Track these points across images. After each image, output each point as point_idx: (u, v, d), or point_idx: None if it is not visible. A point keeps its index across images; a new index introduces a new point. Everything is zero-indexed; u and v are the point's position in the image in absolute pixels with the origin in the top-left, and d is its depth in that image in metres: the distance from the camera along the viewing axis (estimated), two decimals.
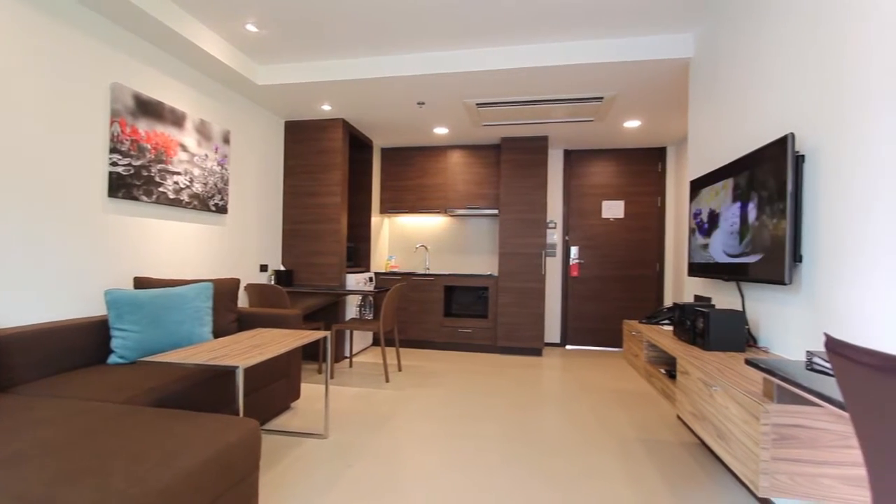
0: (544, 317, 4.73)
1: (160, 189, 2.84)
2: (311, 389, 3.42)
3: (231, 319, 2.82)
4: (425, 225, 5.65)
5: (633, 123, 4.32)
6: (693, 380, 1.73)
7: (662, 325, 2.65)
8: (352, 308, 4.60)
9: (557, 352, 5.05)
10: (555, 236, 5.33)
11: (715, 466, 2.26)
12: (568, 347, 5.28)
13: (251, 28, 2.96)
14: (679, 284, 4.85)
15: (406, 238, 5.71)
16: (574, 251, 5.29)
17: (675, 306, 2.26)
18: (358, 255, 5.12)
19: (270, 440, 2.44)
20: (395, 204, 5.43)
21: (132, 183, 2.64)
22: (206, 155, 3.25)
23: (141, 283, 2.59)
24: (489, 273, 5.05)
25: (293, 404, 3.04)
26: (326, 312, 4.37)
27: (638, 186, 5.19)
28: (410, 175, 5.40)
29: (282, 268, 4.40)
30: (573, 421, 2.87)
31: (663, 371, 2.27)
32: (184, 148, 3.03)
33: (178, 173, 2.99)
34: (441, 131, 4.76)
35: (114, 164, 2.52)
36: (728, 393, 1.43)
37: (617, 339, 5.20)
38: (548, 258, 5.33)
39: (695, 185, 2.59)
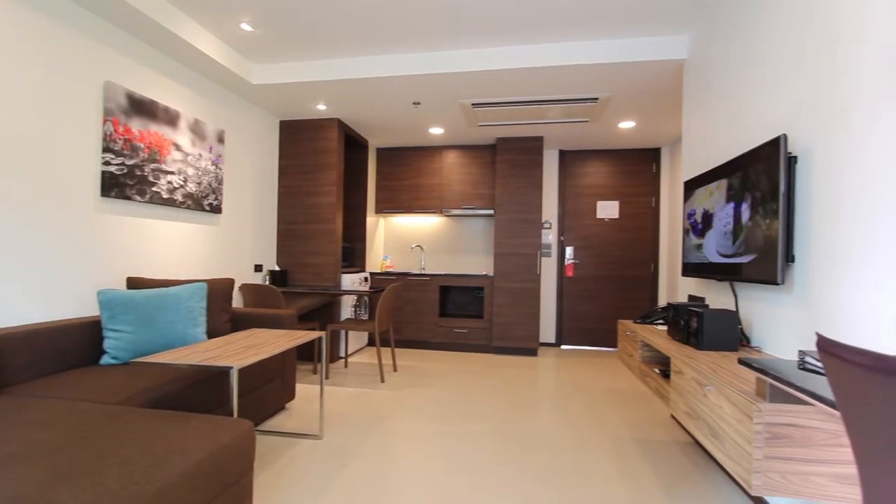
0: (539, 317, 4.75)
1: (154, 189, 2.82)
2: (306, 390, 3.41)
3: (225, 320, 2.81)
4: (421, 225, 5.65)
5: (628, 124, 4.34)
6: (687, 379, 1.74)
7: (657, 325, 2.66)
8: (347, 308, 4.59)
9: (552, 352, 5.06)
10: (550, 236, 5.35)
11: (709, 465, 2.27)
12: (563, 347, 5.30)
13: (246, 27, 2.94)
14: (673, 284, 4.88)
15: (401, 238, 5.71)
16: (569, 251, 5.30)
17: (670, 306, 2.28)
18: (353, 256, 5.11)
19: (265, 441, 2.43)
20: (391, 204, 5.43)
21: (125, 182, 2.62)
22: (201, 154, 3.23)
23: (134, 284, 2.57)
24: (484, 273, 5.05)
25: (288, 405, 3.03)
26: (321, 313, 4.36)
27: (632, 187, 5.22)
28: (406, 175, 5.40)
29: (276, 268, 4.39)
30: (568, 420, 2.88)
31: (657, 370, 2.28)
32: (178, 147, 3.01)
33: (172, 173, 2.97)
34: (437, 131, 4.76)
35: (106, 164, 2.50)
36: (721, 392, 1.44)
37: (612, 339, 5.22)
38: (543, 258, 5.35)
39: (689, 186, 2.61)
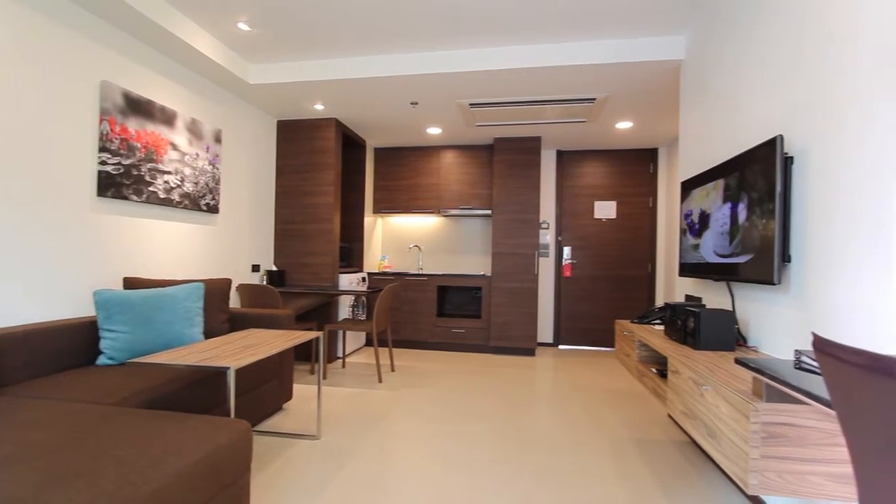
0: (537, 317, 4.75)
1: (150, 188, 2.81)
2: (304, 390, 3.40)
3: (222, 320, 2.80)
4: (418, 225, 5.65)
5: (625, 124, 4.35)
6: (684, 379, 1.74)
7: (654, 325, 2.67)
8: (344, 308, 4.58)
9: (550, 352, 5.07)
10: (547, 237, 5.35)
11: (705, 464, 2.28)
12: (561, 347, 5.31)
13: (243, 27, 2.94)
14: (670, 284, 4.89)
15: (399, 238, 5.71)
16: (567, 251, 5.31)
17: (667, 306, 2.28)
18: (351, 256, 5.10)
19: (262, 441, 2.42)
20: (389, 204, 5.42)
21: (122, 182, 2.61)
22: (198, 154, 3.22)
23: (131, 284, 2.56)
24: (482, 273, 5.06)
25: (285, 405, 3.02)
26: (319, 313, 4.35)
27: (630, 187, 5.23)
28: (403, 175, 5.39)
29: (274, 268, 4.38)
30: (565, 420, 2.88)
31: (655, 370, 2.29)
32: (174, 147, 3.00)
33: (169, 172, 2.96)
34: (434, 131, 4.76)
35: (103, 163, 2.49)
36: (718, 392, 1.45)
37: (609, 339, 5.23)
38: (540, 258, 5.35)
39: (686, 186, 2.62)
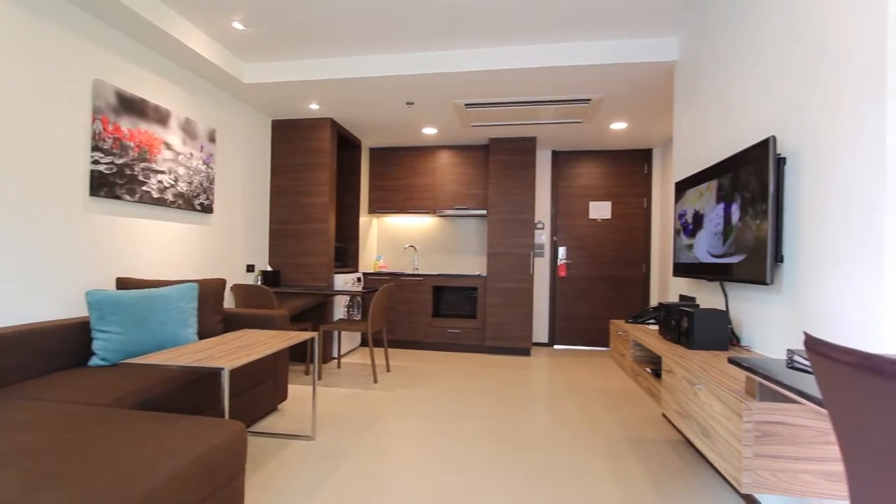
0: (532, 317, 4.76)
1: (144, 188, 2.79)
2: (299, 391, 3.39)
3: (217, 320, 2.79)
4: (414, 225, 5.64)
5: (620, 125, 4.36)
6: (678, 378, 1.75)
7: (648, 325, 2.68)
8: (340, 309, 4.57)
9: (545, 351, 5.08)
10: (543, 237, 5.37)
11: (699, 463, 2.29)
12: (556, 347, 5.32)
13: (238, 26, 2.92)
14: (665, 284, 4.91)
15: (394, 238, 5.70)
16: (562, 251, 5.33)
17: (661, 306, 2.29)
18: (346, 256, 5.09)
19: (257, 442, 2.41)
20: (384, 204, 5.42)
21: (115, 182, 2.59)
22: (192, 153, 3.20)
23: (124, 284, 2.54)
24: (478, 273, 5.06)
25: (280, 406, 3.01)
26: (314, 313, 4.34)
27: (624, 188, 5.25)
28: (399, 175, 5.39)
29: (269, 268, 4.36)
30: (560, 420, 2.89)
31: (649, 370, 2.30)
32: (168, 146, 2.99)
33: (163, 172, 2.94)
34: (430, 131, 4.76)
35: (95, 163, 2.47)
36: (712, 391, 1.46)
37: (604, 339, 5.25)
38: (536, 258, 5.36)
39: (680, 187, 2.63)
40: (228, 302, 3.75)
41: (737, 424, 1.29)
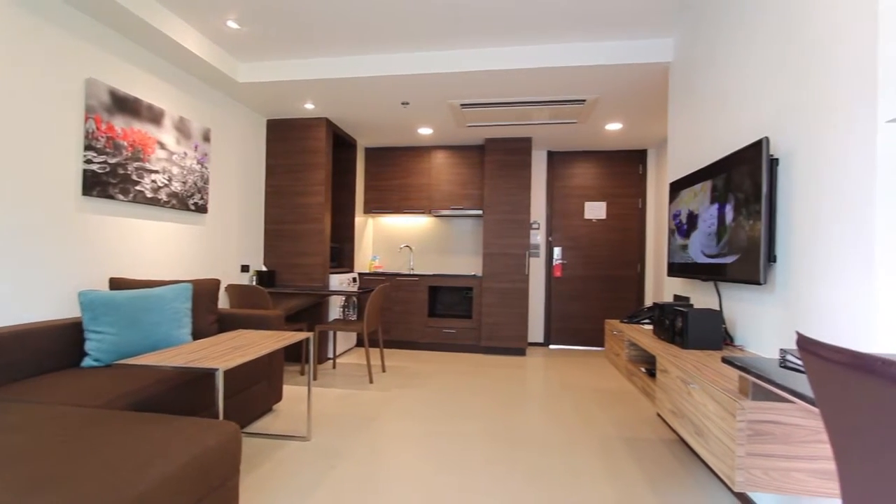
0: (528, 317, 4.77)
1: (137, 188, 2.77)
2: (294, 391, 3.38)
3: (211, 321, 2.77)
4: (409, 225, 5.64)
5: (615, 126, 4.38)
6: (672, 378, 1.76)
7: (643, 325, 2.69)
8: (335, 309, 4.56)
9: (541, 351, 5.09)
10: (538, 237, 5.38)
11: (693, 462, 2.31)
12: (551, 347, 5.33)
13: (232, 25, 2.91)
14: (659, 284, 4.94)
15: (390, 238, 5.69)
16: (557, 252, 5.34)
17: (655, 306, 2.30)
18: (341, 256, 5.08)
19: (252, 443, 2.40)
20: (380, 204, 5.41)
21: (108, 181, 2.57)
22: (186, 153, 3.18)
23: (117, 284, 2.52)
24: (473, 273, 5.06)
25: (275, 406, 3.00)
26: (309, 313, 4.33)
27: (619, 188, 5.27)
28: (394, 175, 5.38)
29: (264, 268, 4.34)
30: (556, 420, 2.90)
31: (644, 369, 2.31)
32: (162, 146, 2.97)
33: (157, 171, 2.92)
34: (425, 131, 4.76)
35: (88, 162, 2.45)
36: (705, 390, 1.46)
37: (599, 339, 5.27)
38: (531, 259, 5.37)
39: (674, 187, 2.64)
40: (223, 302, 3.73)
41: (730, 423, 1.30)
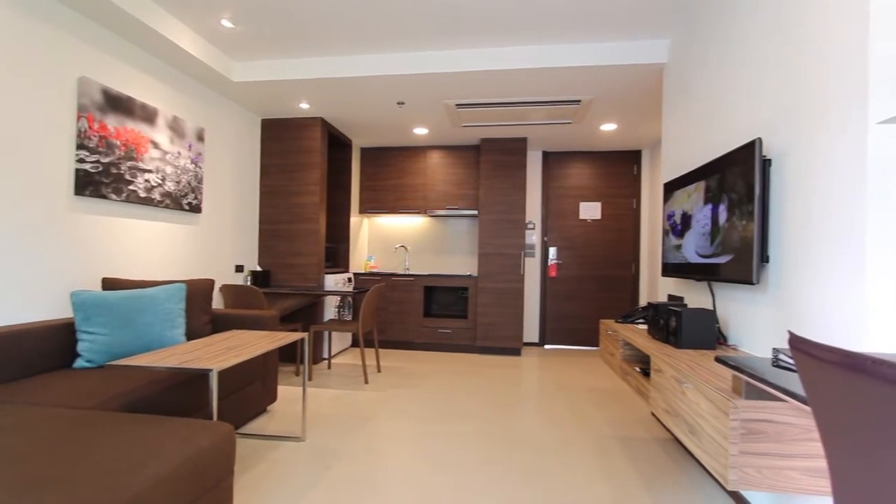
0: (523, 317, 4.78)
1: (130, 187, 2.75)
2: (289, 392, 3.36)
3: (205, 321, 2.76)
4: (405, 225, 5.63)
5: (610, 126, 4.40)
6: (666, 377, 1.77)
7: (637, 324, 2.70)
8: (330, 309, 4.55)
9: (536, 351, 5.10)
10: (533, 237, 5.39)
11: (687, 461, 2.32)
12: (546, 347, 5.34)
13: (226, 24, 2.89)
14: (654, 284, 4.96)
15: (385, 238, 5.69)
16: (552, 252, 5.35)
17: (650, 305, 2.32)
18: (337, 256, 5.06)
19: (246, 444, 2.39)
20: (375, 204, 5.40)
21: (100, 181, 2.55)
22: (179, 152, 3.16)
23: (110, 285, 2.50)
24: (469, 273, 5.06)
25: (270, 407, 2.99)
26: (304, 313, 4.31)
27: (614, 188, 5.29)
28: (390, 175, 5.37)
29: (258, 268, 4.32)
30: (551, 419, 2.90)
31: (638, 369, 2.32)
32: (155, 145, 2.95)
33: (150, 171, 2.90)
34: (421, 131, 4.76)
35: (81, 161, 2.43)
36: (699, 389, 1.47)
37: (594, 339, 5.29)
38: (527, 259, 5.39)
39: (668, 188, 2.66)
40: (217, 303, 3.71)
41: (723, 422, 1.31)
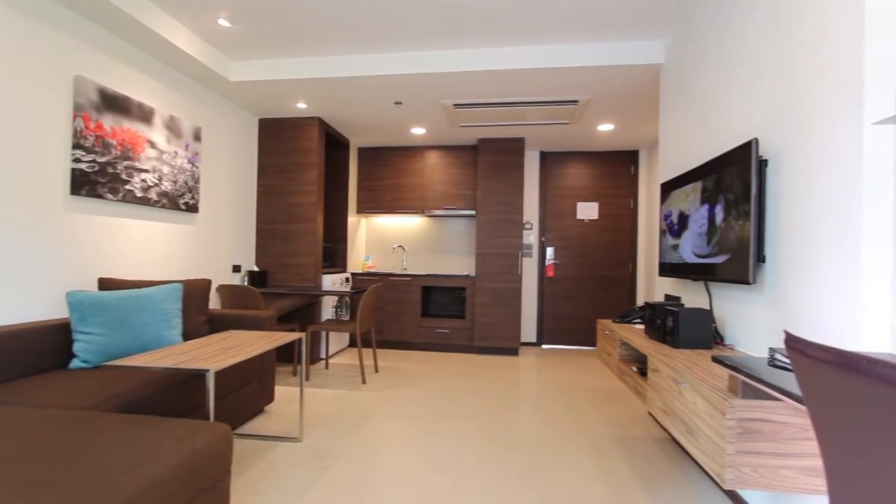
0: (521, 317, 4.78)
1: (127, 187, 2.74)
2: (286, 392, 3.36)
3: (202, 321, 2.75)
4: (402, 225, 5.63)
5: (607, 127, 4.41)
6: (663, 377, 1.78)
7: (634, 324, 2.71)
8: (328, 309, 4.54)
9: (533, 351, 5.11)
10: (531, 237, 5.39)
11: (684, 460, 2.33)
12: (544, 347, 5.35)
13: (224, 23, 2.89)
14: (651, 284, 4.97)
15: (383, 238, 5.68)
16: (550, 252, 5.36)
17: (647, 305, 2.32)
18: (334, 256, 5.06)
19: (243, 445, 2.39)
20: (372, 204, 5.40)
21: (97, 180, 2.54)
22: (176, 152, 3.15)
23: (106, 285, 2.49)
24: (466, 273, 5.06)
25: (267, 408, 2.98)
26: (302, 314, 4.30)
27: (611, 188, 5.30)
28: (387, 175, 5.37)
29: (255, 268, 4.31)
30: (548, 419, 2.91)
31: (635, 369, 2.32)
32: (152, 145, 2.94)
33: (146, 171, 2.89)
34: (418, 131, 4.76)
35: (77, 161, 2.42)
36: (696, 389, 1.48)
37: (591, 338, 5.30)
38: (524, 259, 5.39)
39: (665, 188, 2.66)
40: (214, 303, 3.70)
41: (720, 422, 1.31)
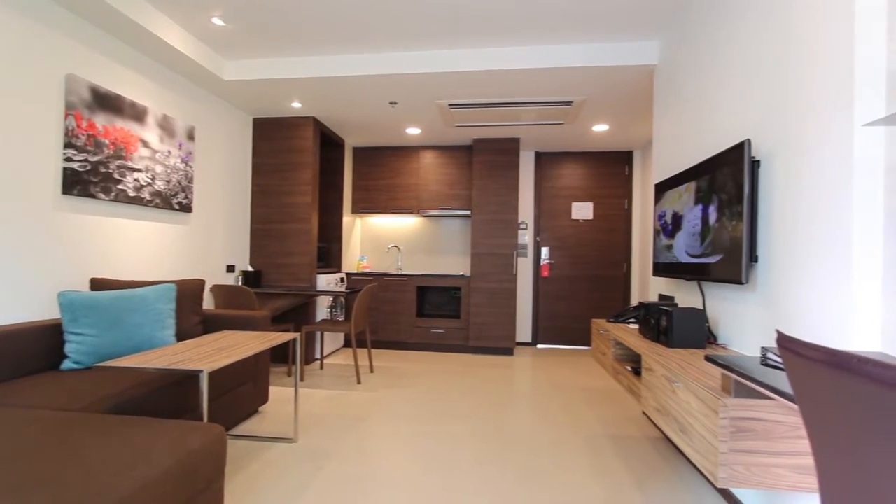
0: (516, 317, 4.79)
1: (119, 186, 2.72)
2: (281, 392, 3.35)
3: (195, 322, 2.73)
4: (397, 225, 5.62)
5: (602, 127, 4.42)
6: (657, 376, 1.79)
7: (629, 324, 2.72)
8: (322, 309, 4.53)
9: (528, 351, 5.12)
10: (526, 237, 5.40)
11: (678, 459, 2.34)
12: (539, 346, 5.36)
13: (217, 21, 2.87)
14: (645, 284, 5.00)
15: (378, 238, 5.67)
16: (545, 252, 5.37)
17: (641, 305, 2.33)
18: (329, 256, 5.04)
19: (237, 445, 2.37)
20: (367, 204, 5.39)
21: (89, 179, 2.52)
22: (170, 151, 3.13)
23: (98, 285, 2.47)
24: (461, 273, 5.06)
25: (261, 408, 2.97)
26: (296, 314, 4.29)
27: (606, 189, 5.32)
28: (382, 175, 5.36)
29: (250, 268, 4.29)
30: (543, 418, 2.91)
31: (629, 368, 2.34)
32: (145, 144, 2.92)
33: (139, 170, 2.87)
34: (413, 131, 4.75)
35: (68, 160, 2.40)
36: (689, 388, 1.49)
37: (586, 338, 5.32)
38: (519, 259, 5.40)
39: (659, 188, 2.68)
40: (208, 303, 3.68)
41: (713, 421, 1.32)
